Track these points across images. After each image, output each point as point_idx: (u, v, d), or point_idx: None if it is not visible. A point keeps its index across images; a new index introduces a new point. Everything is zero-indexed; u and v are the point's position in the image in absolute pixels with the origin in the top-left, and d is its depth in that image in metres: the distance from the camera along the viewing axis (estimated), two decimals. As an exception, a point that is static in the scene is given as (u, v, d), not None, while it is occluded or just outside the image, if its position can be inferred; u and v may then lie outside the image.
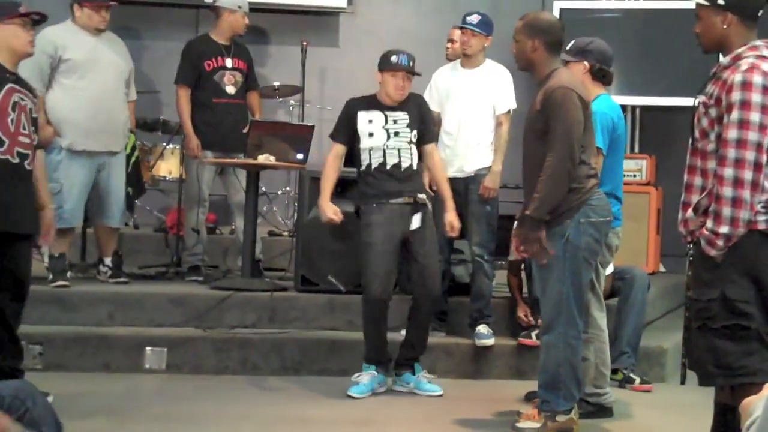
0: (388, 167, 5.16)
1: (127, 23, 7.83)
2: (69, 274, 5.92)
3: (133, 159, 6.32)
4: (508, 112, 5.72)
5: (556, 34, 4.40)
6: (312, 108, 8.13)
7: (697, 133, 3.43)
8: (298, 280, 6.03)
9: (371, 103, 5.29)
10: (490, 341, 5.61)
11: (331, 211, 5.17)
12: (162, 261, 6.72)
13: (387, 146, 5.17)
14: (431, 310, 5.31)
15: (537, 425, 4.35)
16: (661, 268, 7.60)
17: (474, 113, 5.69)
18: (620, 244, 4.92)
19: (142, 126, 7.51)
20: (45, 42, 5.76)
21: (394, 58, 5.19)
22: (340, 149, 5.32)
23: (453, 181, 5.66)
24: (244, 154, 6.05)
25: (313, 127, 6.47)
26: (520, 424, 4.40)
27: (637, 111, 8.00)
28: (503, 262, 6.52)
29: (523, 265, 5.62)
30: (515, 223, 4.94)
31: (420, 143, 5.25)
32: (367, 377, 5.13)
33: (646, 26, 7.81)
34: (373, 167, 5.18)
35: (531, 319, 5.56)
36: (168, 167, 7.48)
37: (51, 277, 5.80)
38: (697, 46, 3.52)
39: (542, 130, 4.25)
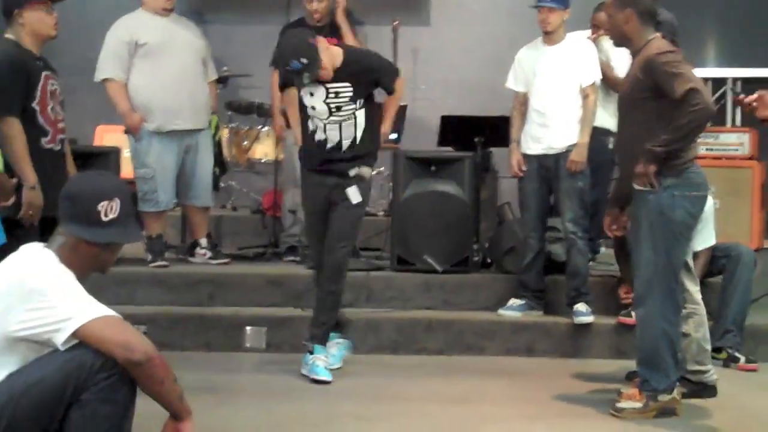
0: (328, 147, 4.97)
1: (220, 8, 7.94)
2: (168, 254, 6.06)
3: (217, 138, 6.42)
4: (594, 83, 5.66)
5: (646, 3, 4.32)
6: (404, 88, 8.12)
7: None
8: (394, 260, 6.05)
9: None
10: (589, 319, 5.56)
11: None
12: (260, 242, 6.83)
13: (330, 121, 4.95)
14: (331, 281, 4.95)
15: (638, 405, 4.29)
16: (766, 245, 7.40)
17: (561, 89, 5.64)
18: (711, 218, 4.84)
19: (237, 109, 7.62)
20: (120, 31, 5.94)
21: None
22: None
23: (543, 158, 5.65)
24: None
25: (406, 106, 6.47)
26: (621, 404, 4.34)
27: (738, 83, 7.79)
28: (600, 240, 6.45)
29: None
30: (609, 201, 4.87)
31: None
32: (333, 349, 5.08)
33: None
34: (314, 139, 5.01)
35: (630, 297, 5.48)
36: (264, 150, 7.58)
37: (150, 258, 5.95)
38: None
39: (646, 98, 4.19)
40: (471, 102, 7.71)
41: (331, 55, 4.85)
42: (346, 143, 4.93)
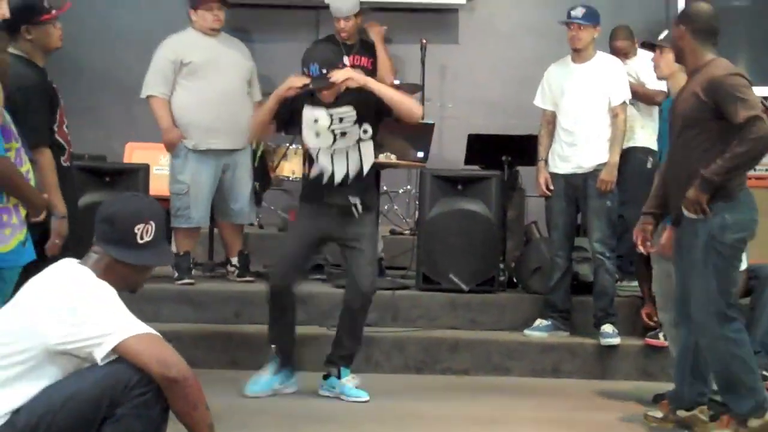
0: (335, 182, 4.82)
1: (248, 26, 7.98)
2: (195, 272, 6.09)
3: (260, 153, 6.44)
4: (624, 103, 5.64)
5: (702, 21, 4.26)
6: (432, 106, 8.11)
7: None
8: (419, 279, 6.04)
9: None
10: (616, 341, 5.51)
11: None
12: (286, 259, 6.82)
13: (335, 150, 4.81)
14: (362, 311, 4.94)
15: None
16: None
17: (590, 108, 5.63)
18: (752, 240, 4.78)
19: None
20: (167, 49, 6.00)
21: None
22: None
23: (571, 177, 5.63)
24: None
25: (433, 125, 6.47)
26: None
27: (765, 102, 7.72)
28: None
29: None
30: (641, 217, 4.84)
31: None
32: (266, 374, 4.96)
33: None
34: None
35: (654, 321, 5.42)
36: (291, 167, 7.57)
37: (176, 275, 5.97)
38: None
39: (705, 119, 4.14)
40: (498, 120, 7.71)
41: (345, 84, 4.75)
42: (352, 175, 4.80)
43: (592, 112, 5.64)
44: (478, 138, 6.66)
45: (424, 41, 7.75)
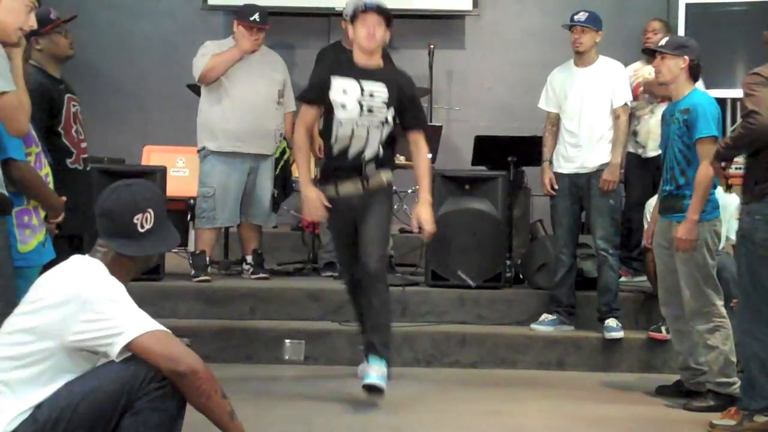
0: (350, 155, 4.60)
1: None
2: (211, 269, 6.12)
3: (282, 163, 6.48)
4: (625, 104, 5.66)
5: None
6: (440, 109, 8.14)
7: None
8: (428, 275, 6.06)
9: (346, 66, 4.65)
10: (619, 334, 5.52)
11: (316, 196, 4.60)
12: (299, 258, 6.87)
13: (357, 124, 4.56)
14: (374, 289, 4.59)
15: (732, 423, 4.22)
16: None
17: (592, 110, 5.65)
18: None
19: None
20: (209, 48, 6.11)
21: (360, 5, 4.54)
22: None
23: (575, 177, 5.65)
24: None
25: (441, 127, 6.49)
26: (717, 421, 4.28)
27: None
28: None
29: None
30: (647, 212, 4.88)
31: (404, 128, 4.70)
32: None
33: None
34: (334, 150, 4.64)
35: None
36: (305, 168, 7.61)
37: (193, 272, 6.01)
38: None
39: None
40: (504, 123, 7.73)
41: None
42: (369, 154, 4.59)
43: (595, 114, 5.66)
44: (485, 139, 6.67)
45: (432, 46, 7.75)
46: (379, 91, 4.57)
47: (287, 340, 5.49)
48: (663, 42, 4.79)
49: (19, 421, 2.52)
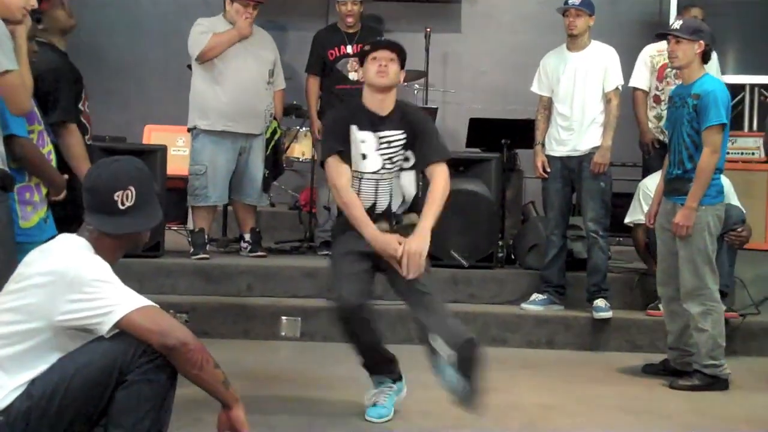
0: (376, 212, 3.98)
1: (261, 13, 7.96)
2: (209, 247, 6.12)
3: (273, 143, 6.46)
4: (617, 88, 5.65)
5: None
6: (435, 92, 8.12)
7: None
8: (422, 255, 6.05)
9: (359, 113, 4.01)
10: (608, 314, 5.54)
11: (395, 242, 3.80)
12: (296, 236, 6.87)
13: (381, 177, 3.96)
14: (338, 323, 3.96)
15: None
16: (779, 245, 7.33)
17: (584, 94, 5.64)
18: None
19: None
20: (202, 25, 6.07)
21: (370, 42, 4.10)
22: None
23: (567, 160, 5.66)
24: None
25: (436, 109, 6.48)
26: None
27: (756, 90, 7.71)
28: (620, 239, 6.43)
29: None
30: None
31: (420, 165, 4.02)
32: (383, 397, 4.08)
33: (765, 3, 7.51)
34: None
35: None
36: (301, 149, 7.61)
37: (192, 250, 6.01)
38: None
39: None
40: (498, 106, 7.73)
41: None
42: (395, 207, 4.02)
43: (587, 97, 5.65)
44: (479, 122, 6.67)
45: (428, 30, 7.73)
46: (395, 135, 3.95)
47: (284, 317, 5.50)
48: (677, 26, 4.69)
49: (14, 396, 2.52)
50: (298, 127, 7.55)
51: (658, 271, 4.90)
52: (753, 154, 7.12)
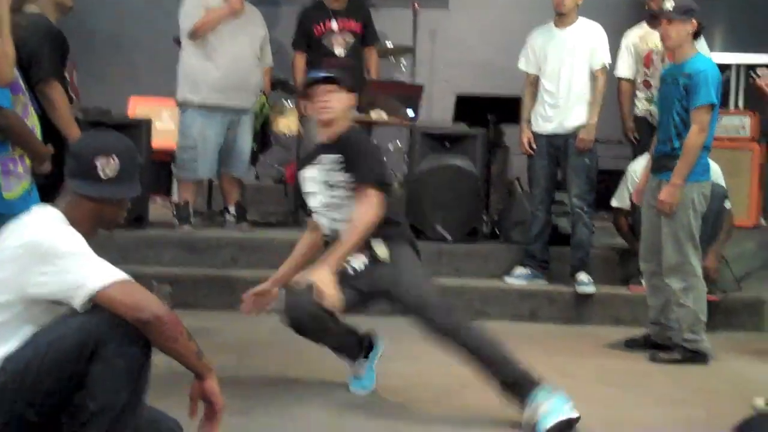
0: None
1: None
2: (194, 220, 6.12)
3: (261, 118, 6.46)
4: (604, 66, 5.65)
5: None
6: (422, 67, 8.10)
7: None
8: (407, 230, 6.06)
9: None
10: (590, 289, 5.57)
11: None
12: (281, 210, 6.86)
13: (330, 204, 3.86)
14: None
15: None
16: (762, 222, 7.37)
17: (571, 71, 5.63)
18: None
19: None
20: (196, 3, 6.00)
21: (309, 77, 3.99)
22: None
23: (553, 137, 5.66)
24: (358, 111, 6.10)
25: (423, 86, 6.47)
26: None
27: (741, 68, 7.72)
28: (605, 215, 6.45)
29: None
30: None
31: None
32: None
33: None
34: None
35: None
36: (287, 123, 7.58)
37: (177, 222, 6.01)
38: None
39: None
40: (485, 82, 7.69)
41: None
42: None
43: (574, 75, 5.65)
44: (466, 98, 6.66)
45: (416, 6, 7.71)
46: (331, 159, 3.81)
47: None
48: (670, 6, 4.64)
49: None
50: (284, 102, 7.52)
51: (642, 247, 4.91)
52: (738, 132, 7.15)
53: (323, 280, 3.57)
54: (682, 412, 3.84)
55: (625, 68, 6.04)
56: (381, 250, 3.78)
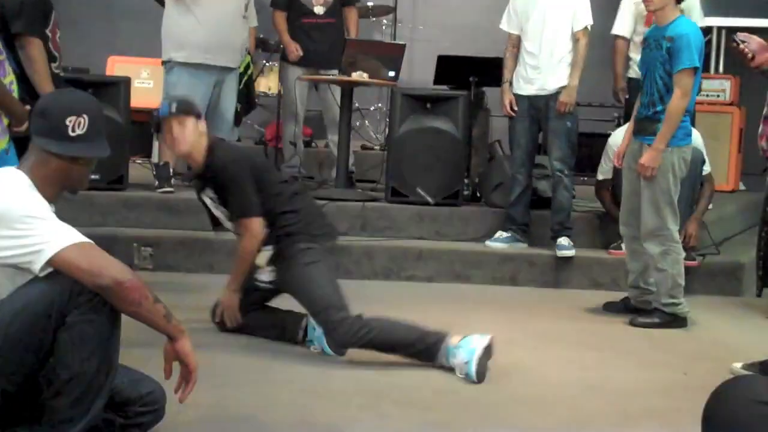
0: None
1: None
2: (174, 181, 6.07)
3: (246, 78, 6.39)
4: (585, 28, 5.61)
5: None
6: (404, 28, 8.05)
7: None
8: (388, 192, 6.05)
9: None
10: (571, 252, 5.58)
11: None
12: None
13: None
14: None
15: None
16: (741, 186, 7.42)
17: (553, 32, 5.60)
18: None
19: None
20: None
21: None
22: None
23: (534, 99, 5.63)
24: (339, 71, 6.06)
25: (404, 45, 6.41)
26: None
27: (723, 32, 7.72)
28: (585, 178, 6.46)
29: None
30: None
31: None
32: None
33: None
34: None
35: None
36: (267, 83, 7.54)
37: (157, 183, 5.95)
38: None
39: None
40: (467, 43, 7.66)
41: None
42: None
43: (556, 36, 5.61)
44: (447, 59, 6.61)
45: (398, -35, 7.65)
46: (211, 194, 4.09)
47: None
48: None
49: None
50: (264, 61, 7.46)
51: (622, 211, 4.92)
52: (718, 96, 7.16)
53: (225, 303, 4.03)
54: (660, 375, 3.87)
55: (623, 26, 6.02)
56: (261, 259, 4.00)
